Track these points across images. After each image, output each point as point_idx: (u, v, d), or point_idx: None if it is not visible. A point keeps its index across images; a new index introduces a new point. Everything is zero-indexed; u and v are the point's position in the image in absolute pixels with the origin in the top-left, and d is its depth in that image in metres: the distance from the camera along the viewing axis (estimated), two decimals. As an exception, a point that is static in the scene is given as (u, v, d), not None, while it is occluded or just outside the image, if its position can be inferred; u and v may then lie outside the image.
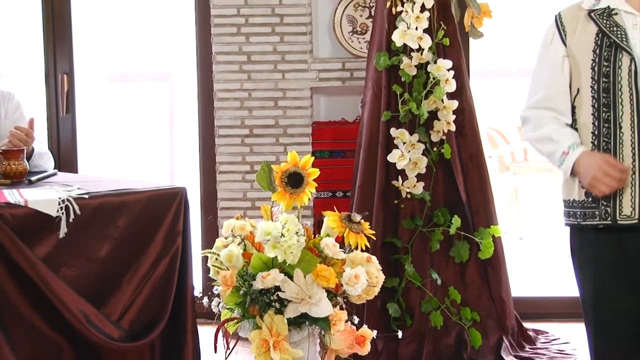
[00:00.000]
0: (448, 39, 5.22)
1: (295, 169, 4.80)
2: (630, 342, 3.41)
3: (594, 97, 3.35)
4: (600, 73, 3.33)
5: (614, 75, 3.32)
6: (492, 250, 5.25)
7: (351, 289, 4.61)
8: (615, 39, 3.32)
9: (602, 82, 3.34)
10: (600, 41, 3.34)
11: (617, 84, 3.31)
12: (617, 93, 3.32)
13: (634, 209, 3.29)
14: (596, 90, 3.35)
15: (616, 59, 3.31)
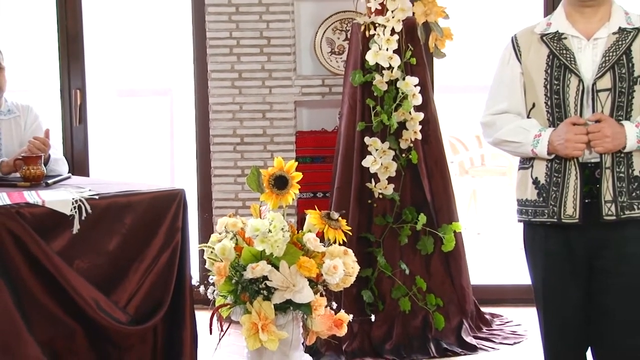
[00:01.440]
0: (415, 58, 5.22)
1: (281, 173, 4.78)
2: (575, 325, 3.41)
3: (548, 111, 3.36)
4: (552, 90, 3.33)
5: (564, 93, 3.32)
6: (453, 244, 5.25)
7: (330, 278, 4.60)
8: (564, 61, 3.32)
9: (554, 98, 3.34)
10: (551, 62, 3.34)
11: (566, 100, 3.32)
12: (567, 109, 3.32)
13: (575, 210, 3.29)
14: (549, 106, 3.35)
15: (565, 79, 3.31)
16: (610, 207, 3.28)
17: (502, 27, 4.40)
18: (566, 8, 3.38)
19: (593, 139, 3.24)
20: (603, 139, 3.24)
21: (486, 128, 3.49)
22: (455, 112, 8.03)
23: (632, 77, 3.29)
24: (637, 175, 3.30)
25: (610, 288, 3.34)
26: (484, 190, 8.47)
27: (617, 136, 3.24)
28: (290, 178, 4.79)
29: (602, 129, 3.24)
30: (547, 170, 3.34)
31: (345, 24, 5.77)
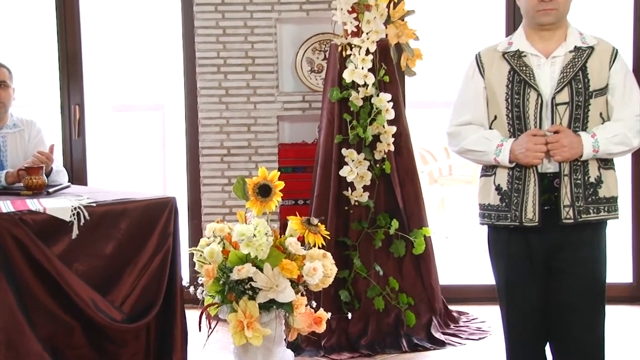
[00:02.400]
0: (388, 76, 5.23)
1: (265, 182, 4.78)
2: (534, 322, 3.43)
3: (509, 123, 3.37)
4: (513, 104, 3.35)
5: (523, 106, 3.33)
6: (423, 247, 5.25)
7: (310, 279, 4.60)
8: (524, 77, 3.33)
9: (514, 111, 3.35)
10: (512, 78, 3.35)
11: (526, 113, 3.33)
12: (526, 121, 3.34)
13: (535, 214, 3.31)
14: (510, 118, 3.37)
15: (525, 93, 3.33)
16: (568, 212, 3.30)
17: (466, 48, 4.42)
18: (526, 29, 3.40)
19: (552, 149, 3.26)
20: (561, 148, 3.26)
21: (452, 138, 3.50)
22: (425, 125, 8.05)
23: (588, 92, 3.31)
24: (592, 182, 3.32)
25: (567, 288, 3.36)
26: (452, 198, 8.49)
27: (574, 146, 3.26)
28: (273, 187, 4.78)
29: (560, 139, 3.26)
30: (509, 178, 3.36)
31: (323, 45, 5.77)
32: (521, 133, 3.32)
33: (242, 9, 5.66)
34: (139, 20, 8.19)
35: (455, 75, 3.60)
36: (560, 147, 3.25)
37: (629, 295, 5.90)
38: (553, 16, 3.31)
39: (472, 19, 7.81)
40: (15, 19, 7.45)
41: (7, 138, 4.84)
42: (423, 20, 5.50)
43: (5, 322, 3.80)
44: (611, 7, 6.50)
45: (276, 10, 5.67)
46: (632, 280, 5.97)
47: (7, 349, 3.80)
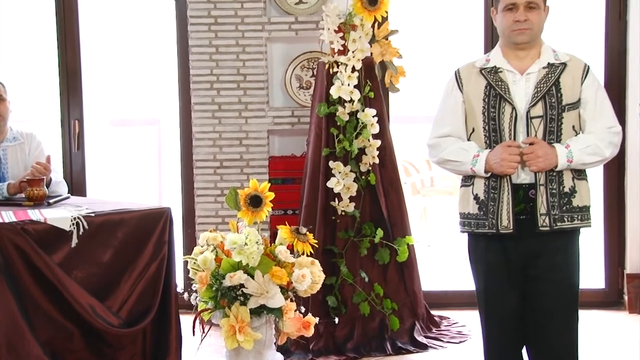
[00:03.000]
0: (373, 92, 5.24)
1: (256, 193, 4.78)
2: (512, 326, 3.43)
3: (486, 135, 3.38)
4: (489, 117, 3.36)
5: (499, 119, 3.35)
6: (407, 255, 5.25)
7: (299, 285, 4.60)
8: (499, 91, 3.35)
9: (490, 124, 3.37)
10: (488, 92, 3.37)
11: (502, 125, 3.35)
12: (502, 133, 3.35)
13: (509, 221, 3.32)
14: (487, 130, 3.38)
15: (500, 107, 3.35)
16: (544, 220, 3.31)
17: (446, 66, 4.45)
18: (502, 48, 3.42)
19: (528, 159, 3.28)
20: (536, 159, 3.27)
21: (432, 149, 3.51)
22: (408, 139, 8.06)
23: (561, 105, 3.33)
24: (567, 191, 3.34)
25: (543, 293, 3.37)
26: (433, 208, 8.49)
27: (548, 156, 3.28)
28: (264, 197, 4.78)
29: (535, 150, 3.27)
30: (486, 188, 3.37)
31: (311, 63, 5.78)
32: (497, 145, 3.33)
33: (234, 29, 5.67)
34: (136, 38, 8.19)
35: (437, 91, 3.61)
36: (535, 158, 3.27)
37: (601, 300, 5.92)
38: (527, 35, 3.33)
39: (452, 38, 7.84)
40: (16, 37, 7.44)
41: (7, 151, 4.82)
42: (406, 39, 5.51)
43: (7, 326, 3.79)
44: (584, 25, 6.53)
45: (266, 30, 5.68)
46: (604, 286, 5.98)
47: (8, 352, 3.79)
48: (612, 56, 5.81)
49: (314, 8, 5.71)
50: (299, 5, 5.76)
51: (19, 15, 7.25)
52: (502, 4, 3.33)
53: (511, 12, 3.31)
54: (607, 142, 3.35)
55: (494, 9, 3.41)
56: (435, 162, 3.52)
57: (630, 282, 5.82)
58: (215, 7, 5.66)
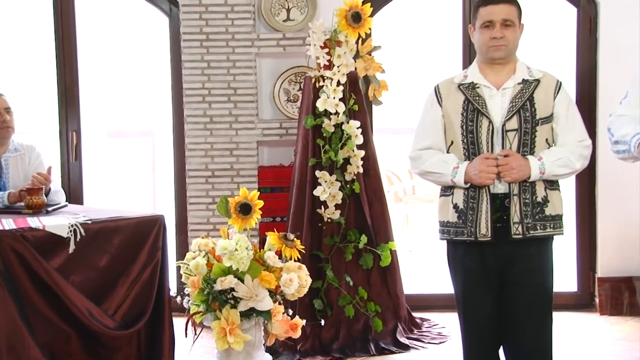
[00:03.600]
0: (357, 105, 5.24)
1: (245, 201, 4.78)
2: (489, 327, 3.44)
3: (464, 147, 3.39)
4: (467, 130, 3.37)
5: (477, 132, 3.36)
6: (389, 260, 5.26)
7: (287, 289, 4.59)
8: (477, 106, 3.36)
9: (469, 137, 3.37)
10: (466, 107, 3.38)
11: (479, 138, 3.36)
12: (479, 145, 3.36)
13: (488, 230, 3.33)
14: (465, 143, 3.38)
15: (478, 121, 3.36)
16: (517, 228, 3.32)
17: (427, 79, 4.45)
18: (479, 64, 3.43)
19: (502, 171, 3.29)
20: (511, 170, 3.28)
21: (413, 161, 3.51)
22: (390, 150, 8.07)
23: (535, 119, 3.34)
24: (539, 201, 3.35)
25: (519, 297, 3.37)
26: (415, 215, 8.51)
27: (522, 168, 3.29)
28: (253, 205, 4.78)
29: (510, 162, 3.28)
30: (465, 197, 3.38)
31: (299, 77, 5.79)
32: (475, 157, 3.34)
33: (225, 45, 5.67)
34: (132, 54, 8.18)
35: (418, 104, 3.62)
36: (509, 170, 3.28)
37: (574, 303, 5.94)
38: (503, 52, 3.34)
39: (432, 53, 7.87)
40: (17, 52, 7.43)
41: (9, 161, 4.82)
42: (388, 55, 5.53)
43: (7, 330, 3.78)
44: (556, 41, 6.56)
45: (256, 46, 5.69)
46: (577, 289, 6.00)
47: (8, 354, 3.78)
48: (583, 71, 5.84)
49: (301, 25, 5.73)
50: (286, 23, 5.78)
51: (19, 32, 7.25)
52: (480, 21, 3.35)
53: (488, 29, 3.33)
54: (577, 155, 3.36)
55: (472, 26, 3.42)
56: (417, 173, 3.53)
57: (601, 286, 5.84)
58: (207, 24, 5.66)
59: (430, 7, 7.05)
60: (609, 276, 5.84)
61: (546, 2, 5.96)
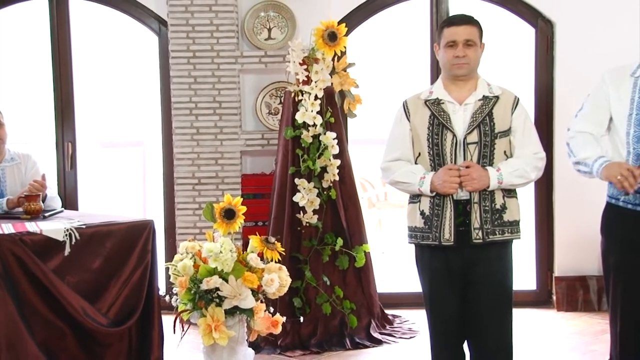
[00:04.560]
0: (333, 118, 5.26)
1: (230, 207, 4.78)
2: (454, 324, 3.45)
3: (431, 159, 3.40)
4: (433, 143, 3.39)
5: (442, 145, 3.37)
6: (364, 261, 5.27)
7: (268, 288, 4.59)
8: (442, 121, 3.38)
9: (434, 149, 3.39)
10: (432, 121, 3.39)
11: (444, 150, 3.37)
12: (444, 157, 3.38)
13: (451, 234, 3.35)
14: (431, 155, 3.40)
15: (442, 134, 3.37)
16: (478, 233, 3.34)
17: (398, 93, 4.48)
18: (444, 80, 3.45)
19: (464, 181, 3.30)
20: (472, 180, 3.30)
21: (384, 172, 3.53)
22: (364, 159, 8.09)
23: (494, 133, 3.36)
24: (498, 208, 3.36)
25: (481, 296, 3.39)
26: (387, 219, 8.52)
27: (482, 178, 3.31)
28: (237, 210, 4.78)
29: (471, 173, 3.30)
30: (430, 205, 3.39)
31: (279, 91, 5.80)
32: (440, 167, 3.36)
33: (211, 62, 5.67)
34: (124, 69, 8.16)
35: (389, 117, 3.63)
36: (471, 180, 3.30)
37: (533, 300, 5.97)
38: (465, 69, 3.36)
39: (402, 70, 7.90)
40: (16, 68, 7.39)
41: (6, 170, 4.79)
42: (362, 71, 5.55)
43: (7, 328, 3.76)
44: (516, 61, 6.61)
45: (239, 63, 5.70)
46: (536, 288, 6.04)
47: (8, 351, 3.76)
48: (541, 87, 5.89)
49: (281, 43, 5.74)
50: (267, 41, 5.79)
51: (19, 50, 7.21)
52: (444, 40, 3.37)
53: (452, 49, 3.35)
54: (532, 166, 3.39)
55: (437, 45, 3.44)
56: (388, 182, 3.54)
57: (558, 284, 5.88)
58: (193, 42, 5.66)
59: (400, 28, 7.08)
60: (565, 275, 5.89)
61: (506, 23, 6.00)
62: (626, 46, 5.52)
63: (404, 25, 6.91)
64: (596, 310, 5.79)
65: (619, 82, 3.39)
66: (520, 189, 3.46)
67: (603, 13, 5.68)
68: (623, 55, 3.62)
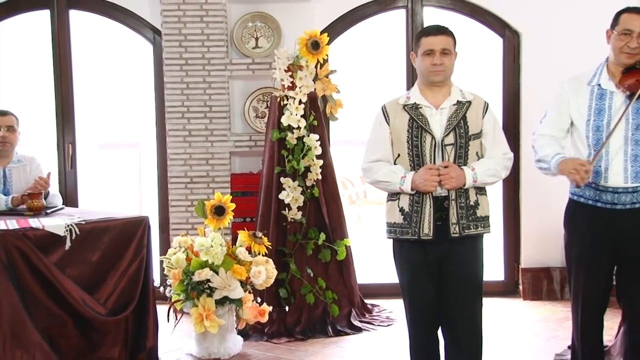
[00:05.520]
0: (316, 121, 5.26)
1: (220, 204, 4.78)
2: (430, 311, 3.45)
3: (410, 159, 3.39)
4: (413, 145, 3.38)
5: (421, 147, 3.37)
6: (344, 254, 5.28)
7: (256, 280, 4.60)
8: (421, 124, 3.37)
9: (414, 150, 3.38)
10: (411, 124, 3.39)
11: (423, 151, 3.37)
12: (423, 158, 3.37)
13: (430, 229, 3.35)
14: (411, 156, 3.39)
15: (421, 136, 3.37)
16: (455, 227, 3.34)
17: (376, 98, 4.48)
18: (420, 85, 3.45)
19: (443, 180, 3.31)
20: (450, 179, 3.31)
21: (366, 172, 3.52)
22: (345, 159, 8.08)
23: (468, 135, 3.37)
24: (472, 204, 3.37)
25: (454, 285, 3.39)
26: (366, 215, 8.53)
27: (459, 177, 3.32)
28: (227, 207, 4.79)
29: (449, 172, 3.31)
30: (410, 202, 3.38)
31: (266, 96, 5.79)
32: (419, 167, 3.36)
33: (202, 69, 5.66)
34: (121, 75, 8.12)
35: (368, 119, 3.63)
36: (449, 179, 3.31)
37: (501, 290, 6.00)
38: (442, 76, 3.37)
39: (380, 76, 7.90)
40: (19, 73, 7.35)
41: (12, 171, 4.80)
42: (343, 77, 5.55)
43: (11, 317, 3.74)
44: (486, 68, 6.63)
45: (229, 70, 5.68)
46: (504, 278, 6.06)
47: (12, 339, 3.74)
48: (509, 92, 5.91)
49: (268, 52, 5.73)
50: (255, 50, 5.78)
51: (22, 56, 7.17)
52: (422, 49, 3.37)
53: (429, 57, 3.35)
54: (502, 166, 3.42)
55: (414, 53, 3.44)
56: (369, 182, 3.53)
57: (524, 275, 5.91)
58: (186, 50, 5.64)
59: (378, 37, 7.09)
60: (531, 267, 5.91)
61: (476, 33, 6.02)
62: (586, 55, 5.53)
63: (381, 35, 6.91)
64: (559, 299, 5.83)
65: (578, 90, 3.46)
66: (489, 186, 3.47)
67: (565, 25, 5.72)
68: (583, 63, 3.64)
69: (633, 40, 3.35)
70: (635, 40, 3.35)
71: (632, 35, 3.35)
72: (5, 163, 4.79)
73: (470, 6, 5.86)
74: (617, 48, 3.39)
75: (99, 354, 4.11)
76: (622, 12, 3.42)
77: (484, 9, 5.87)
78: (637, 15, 3.37)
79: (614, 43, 3.40)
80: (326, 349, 4.85)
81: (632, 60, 3.37)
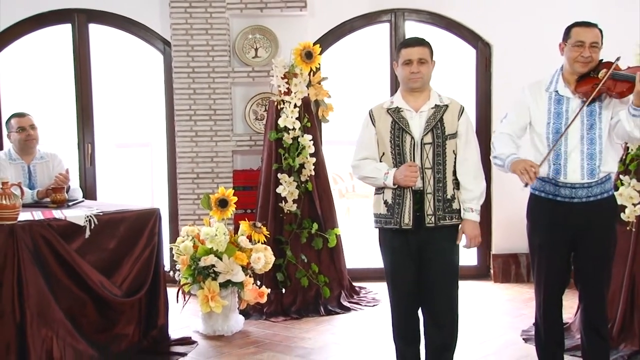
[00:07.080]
0: (310, 123, 5.27)
1: (223, 197, 4.79)
2: (411, 293, 3.44)
3: (393, 157, 3.39)
4: (395, 144, 3.38)
5: (402, 146, 3.37)
6: (335, 242, 5.29)
7: (256, 265, 4.61)
8: (402, 126, 3.38)
9: (396, 149, 3.38)
10: (393, 126, 3.39)
11: (404, 150, 3.37)
12: (405, 156, 3.37)
13: (410, 219, 3.35)
14: (394, 154, 3.38)
15: (402, 137, 3.37)
16: (431, 218, 3.35)
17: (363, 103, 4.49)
18: (402, 91, 3.45)
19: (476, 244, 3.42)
20: (476, 238, 3.40)
21: (354, 169, 3.52)
22: (336, 157, 8.09)
23: (444, 135, 3.37)
24: (449, 198, 3.37)
25: (432, 270, 3.39)
26: (355, 208, 8.54)
27: (476, 229, 3.40)
28: (229, 200, 4.79)
29: (476, 237, 3.40)
30: (393, 195, 3.39)
31: (264, 100, 5.79)
32: (401, 164, 3.36)
33: (207, 76, 5.66)
34: (135, 82, 8.10)
35: (356, 122, 3.63)
36: (475, 238, 3.40)
37: (474, 273, 6.02)
38: (419, 83, 3.37)
39: (367, 83, 7.90)
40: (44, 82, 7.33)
41: (36, 167, 4.79)
42: (334, 83, 5.56)
43: (37, 298, 3.75)
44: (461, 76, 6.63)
45: (231, 77, 5.68)
46: (477, 263, 6.09)
47: (38, 317, 3.75)
48: (481, 97, 5.93)
49: (266, 61, 5.74)
50: (254, 59, 5.78)
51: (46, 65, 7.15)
52: (402, 59, 3.38)
53: (408, 66, 3.35)
54: (479, 180, 3.42)
55: (396, 63, 3.44)
56: (358, 178, 3.54)
57: (495, 260, 5.94)
58: (193, 60, 5.64)
59: (365, 48, 7.10)
60: (501, 253, 5.94)
61: (452, 45, 6.04)
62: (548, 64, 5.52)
63: (368, 46, 6.92)
64: (526, 282, 5.85)
65: (537, 95, 3.47)
66: None
67: (532, 38, 5.73)
68: (546, 71, 3.65)
69: (586, 50, 3.36)
70: (587, 50, 3.36)
71: (584, 46, 3.36)
72: (29, 160, 4.78)
73: (447, 20, 5.88)
74: (572, 58, 3.39)
75: (115, 330, 4.12)
76: (572, 26, 3.42)
77: (459, 23, 5.88)
78: (587, 28, 3.38)
79: (568, 54, 3.41)
80: (319, 326, 4.87)
81: (585, 68, 3.38)
